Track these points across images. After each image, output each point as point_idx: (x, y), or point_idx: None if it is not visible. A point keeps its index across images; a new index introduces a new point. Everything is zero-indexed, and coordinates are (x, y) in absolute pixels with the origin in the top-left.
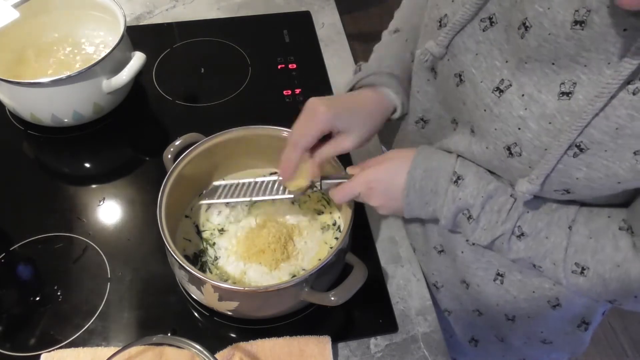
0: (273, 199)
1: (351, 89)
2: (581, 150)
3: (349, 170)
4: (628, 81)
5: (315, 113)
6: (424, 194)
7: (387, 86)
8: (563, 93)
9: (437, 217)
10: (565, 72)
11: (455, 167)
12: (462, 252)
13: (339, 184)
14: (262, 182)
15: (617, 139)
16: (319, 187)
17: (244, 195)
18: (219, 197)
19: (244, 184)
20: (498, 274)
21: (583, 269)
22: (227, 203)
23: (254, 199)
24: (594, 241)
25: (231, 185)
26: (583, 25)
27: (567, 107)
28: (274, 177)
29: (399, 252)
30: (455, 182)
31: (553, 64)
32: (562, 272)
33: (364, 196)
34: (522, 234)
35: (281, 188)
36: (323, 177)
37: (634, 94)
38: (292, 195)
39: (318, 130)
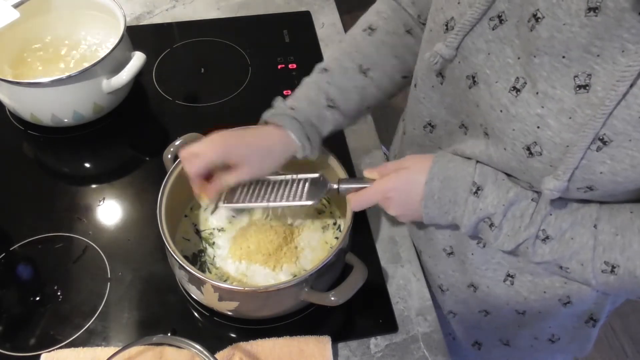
0: (291, 205)
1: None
2: (604, 143)
3: (366, 173)
4: None
5: (212, 143)
6: (442, 204)
7: (289, 129)
8: (579, 86)
9: (457, 224)
10: (578, 64)
11: (474, 177)
12: (473, 253)
13: (358, 189)
14: (280, 182)
15: None
16: (337, 191)
17: (262, 198)
18: (237, 201)
19: (262, 183)
20: (508, 275)
21: (613, 267)
22: (244, 209)
23: (272, 204)
24: (620, 238)
25: (249, 185)
26: (597, 11)
27: (587, 101)
28: (289, 177)
29: (399, 252)
30: (475, 192)
31: (563, 57)
32: (590, 272)
33: (382, 205)
34: (547, 237)
35: (299, 193)
36: (342, 181)
37: None
38: (311, 202)
39: (206, 160)
